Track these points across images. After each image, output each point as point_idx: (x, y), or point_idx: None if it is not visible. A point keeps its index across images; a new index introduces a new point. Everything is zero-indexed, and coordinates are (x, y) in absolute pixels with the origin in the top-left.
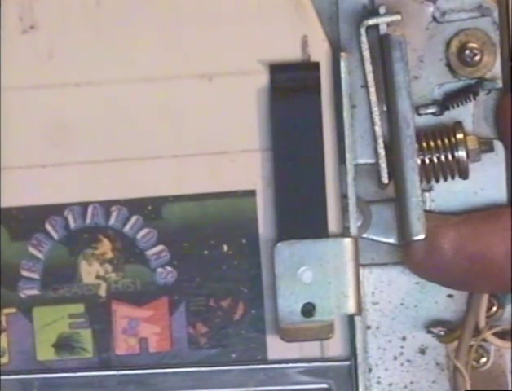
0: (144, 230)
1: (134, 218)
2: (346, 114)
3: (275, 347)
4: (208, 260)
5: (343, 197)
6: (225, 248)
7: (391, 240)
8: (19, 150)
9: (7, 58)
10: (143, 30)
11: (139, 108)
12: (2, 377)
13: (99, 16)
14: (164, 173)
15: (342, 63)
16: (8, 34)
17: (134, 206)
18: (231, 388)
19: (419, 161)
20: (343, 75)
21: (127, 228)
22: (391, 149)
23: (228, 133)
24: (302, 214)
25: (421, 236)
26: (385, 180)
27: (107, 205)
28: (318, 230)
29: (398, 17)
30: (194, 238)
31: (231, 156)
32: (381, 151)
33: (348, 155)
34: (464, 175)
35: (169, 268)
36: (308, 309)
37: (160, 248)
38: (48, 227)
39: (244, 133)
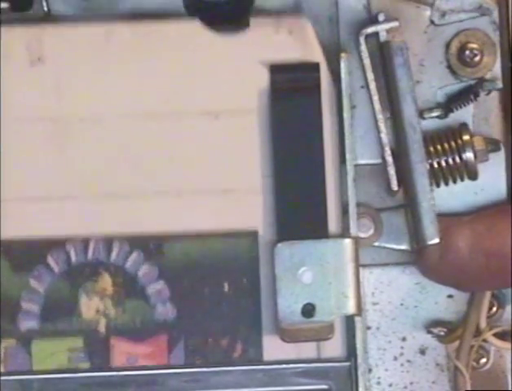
0: (145, 266)
1: (135, 254)
2: (346, 114)
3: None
4: (208, 298)
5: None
6: (226, 286)
7: (403, 246)
8: (22, 182)
9: (13, 89)
10: (150, 66)
11: (144, 144)
12: (2, 378)
13: (106, 51)
14: (167, 209)
15: (342, 64)
16: (15, 66)
17: (136, 242)
18: (231, 389)
19: (427, 166)
20: (343, 75)
21: (128, 264)
22: (398, 155)
23: (232, 171)
24: (302, 214)
25: (436, 240)
26: (394, 187)
27: (108, 240)
28: (318, 231)
29: (396, 24)
30: (195, 276)
31: (234, 196)
32: (389, 159)
33: (348, 156)
34: (473, 176)
35: (169, 305)
36: (308, 310)
37: (160, 284)
38: (50, 260)
39: (249, 172)
